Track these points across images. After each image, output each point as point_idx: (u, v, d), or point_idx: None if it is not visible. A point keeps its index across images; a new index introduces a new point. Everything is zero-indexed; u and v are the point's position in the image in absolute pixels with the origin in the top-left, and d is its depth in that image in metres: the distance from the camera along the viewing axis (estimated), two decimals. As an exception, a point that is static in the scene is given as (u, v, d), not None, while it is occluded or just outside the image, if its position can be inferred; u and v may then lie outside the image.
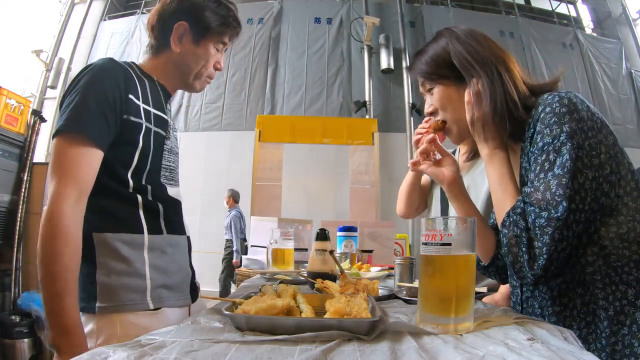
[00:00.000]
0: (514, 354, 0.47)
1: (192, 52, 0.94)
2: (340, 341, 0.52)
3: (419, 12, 5.06)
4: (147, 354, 0.45)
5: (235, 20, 0.99)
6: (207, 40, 0.95)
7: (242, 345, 0.49)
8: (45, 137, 4.93)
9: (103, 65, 0.83)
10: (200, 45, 0.94)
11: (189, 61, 0.95)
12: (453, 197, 0.86)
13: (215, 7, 0.95)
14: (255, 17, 5.11)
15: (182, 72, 0.97)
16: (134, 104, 0.85)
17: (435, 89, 0.82)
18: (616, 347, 0.65)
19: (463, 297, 0.60)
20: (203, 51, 0.95)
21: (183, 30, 0.93)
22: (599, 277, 0.66)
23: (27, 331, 2.40)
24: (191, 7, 0.93)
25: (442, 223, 0.61)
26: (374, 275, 1.29)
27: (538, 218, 0.64)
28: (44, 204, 0.77)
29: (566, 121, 0.65)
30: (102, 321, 0.77)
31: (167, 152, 0.94)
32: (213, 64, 0.98)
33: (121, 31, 5.43)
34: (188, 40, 0.94)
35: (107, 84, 0.80)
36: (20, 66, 5.22)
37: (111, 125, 0.80)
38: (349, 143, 3.68)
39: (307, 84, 4.75)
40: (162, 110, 0.93)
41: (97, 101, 0.78)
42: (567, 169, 0.63)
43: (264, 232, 1.72)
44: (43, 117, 2.96)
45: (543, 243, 0.63)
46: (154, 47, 0.97)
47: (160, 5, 0.96)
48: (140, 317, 0.80)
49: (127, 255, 0.81)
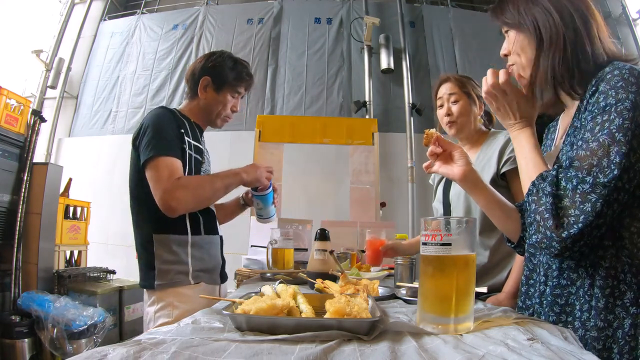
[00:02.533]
0: (514, 354, 0.47)
1: (214, 98, 1.28)
2: (340, 341, 0.52)
3: (419, 12, 5.05)
4: (147, 349, 0.45)
5: (248, 74, 1.32)
6: (225, 90, 1.28)
7: (242, 344, 0.49)
8: (45, 137, 4.93)
9: (160, 111, 1.20)
10: (220, 94, 1.28)
11: (211, 106, 1.29)
12: (468, 190, 0.86)
13: (232, 65, 1.29)
14: (255, 17, 5.11)
15: (208, 113, 1.30)
16: (184, 137, 1.19)
17: (511, 33, 0.80)
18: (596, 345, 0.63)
19: (463, 297, 0.60)
20: (222, 98, 1.28)
21: (207, 83, 1.27)
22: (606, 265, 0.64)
23: (27, 331, 2.40)
24: (213, 66, 1.27)
25: (442, 223, 0.61)
26: (374, 275, 1.29)
27: (581, 184, 0.60)
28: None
29: (633, 90, 0.61)
30: (160, 293, 1.14)
31: (203, 172, 1.28)
32: (230, 107, 1.31)
33: (121, 31, 5.43)
34: (211, 90, 1.28)
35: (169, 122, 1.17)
36: (20, 66, 5.22)
37: (180, 149, 1.16)
38: (349, 143, 3.68)
39: (307, 84, 4.75)
40: (198, 142, 1.27)
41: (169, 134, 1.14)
42: (628, 137, 0.59)
43: (264, 232, 1.72)
44: (43, 117, 2.96)
45: (581, 211, 0.59)
46: (189, 95, 1.31)
47: (194, 63, 1.32)
48: (186, 289, 1.16)
49: (175, 250, 1.16)
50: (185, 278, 1.17)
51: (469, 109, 1.40)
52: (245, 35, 5.05)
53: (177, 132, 1.18)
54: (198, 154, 1.26)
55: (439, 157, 0.88)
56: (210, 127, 1.38)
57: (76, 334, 2.38)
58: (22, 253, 2.68)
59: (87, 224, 3.35)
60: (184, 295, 1.16)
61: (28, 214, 2.74)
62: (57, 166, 3.14)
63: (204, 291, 1.20)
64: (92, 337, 2.46)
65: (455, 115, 1.39)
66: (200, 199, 1.14)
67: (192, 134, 1.24)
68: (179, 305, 1.14)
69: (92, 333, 2.46)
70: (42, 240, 2.76)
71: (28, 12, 5.34)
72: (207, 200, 1.18)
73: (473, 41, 4.76)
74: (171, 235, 1.17)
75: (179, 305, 1.14)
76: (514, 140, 0.79)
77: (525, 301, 0.83)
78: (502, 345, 0.50)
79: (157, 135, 1.12)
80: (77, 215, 3.29)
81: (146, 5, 5.62)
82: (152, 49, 5.18)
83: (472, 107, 1.41)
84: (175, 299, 1.15)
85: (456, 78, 1.44)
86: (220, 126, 1.36)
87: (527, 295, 0.83)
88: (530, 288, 0.82)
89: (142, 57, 5.18)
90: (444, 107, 1.42)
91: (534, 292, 0.80)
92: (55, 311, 2.39)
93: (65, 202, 3.14)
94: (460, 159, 0.85)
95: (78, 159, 4.86)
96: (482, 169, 1.31)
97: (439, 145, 0.87)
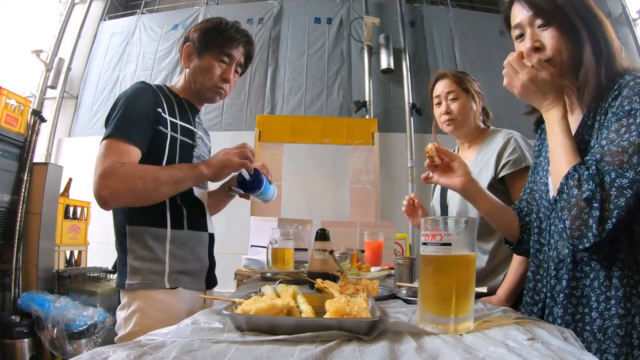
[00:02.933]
0: (514, 355, 0.47)
1: (197, 66, 1.12)
2: (340, 341, 0.52)
3: (419, 12, 5.05)
4: (147, 354, 0.45)
5: (236, 31, 1.14)
6: (207, 53, 1.11)
7: (242, 346, 0.49)
8: (45, 138, 4.93)
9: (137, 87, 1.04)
10: (203, 58, 1.11)
11: (195, 74, 1.12)
12: (469, 199, 0.88)
13: (213, 27, 1.13)
14: (255, 17, 5.11)
15: (194, 84, 1.13)
16: (162, 116, 1.03)
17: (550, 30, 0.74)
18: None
19: (463, 297, 0.60)
20: (205, 63, 1.11)
21: (189, 50, 1.13)
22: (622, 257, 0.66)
23: (27, 331, 2.40)
24: (196, 32, 1.13)
25: (442, 223, 0.61)
26: (374, 275, 1.29)
27: (620, 178, 0.61)
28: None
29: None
30: (131, 295, 0.98)
31: (196, 158, 1.13)
32: (221, 75, 1.12)
33: (121, 31, 5.43)
34: (194, 57, 1.12)
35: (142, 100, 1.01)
36: (20, 66, 5.21)
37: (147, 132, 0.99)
38: (349, 143, 3.68)
39: (307, 84, 4.75)
40: (189, 123, 1.12)
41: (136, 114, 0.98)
42: None
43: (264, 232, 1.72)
44: (43, 117, 2.96)
45: (616, 205, 0.60)
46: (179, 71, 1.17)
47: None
48: (160, 294, 0.99)
49: (151, 245, 1.00)
50: (160, 280, 0.99)
51: (468, 106, 1.36)
52: (245, 35, 5.05)
53: (150, 111, 1.00)
54: (186, 136, 1.10)
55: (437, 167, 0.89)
56: (207, 103, 1.22)
57: (76, 334, 2.38)
58: (22, 253, 2.68)
59: (87, 224, 3.35)
60: (156, 301, 0.98)
61: (28, 214, 2.74)
62: (57, 166, 3.14)
63: (183, 298, 1.03)
64: (92, 337, 2.46)
65: (454, 113, 1.35)
66: (137, 194, 0.92)
67: (179, 112, 1.09)
68: (149, 313, 0.96)
69: (92, 333, 2.46)
70: (42, 240, 2.76)
71: (28, 12, 5.34)
72: (144, 195, 0.94)
73: (473, 41, 4.76)
74: (147, 228, 1.01)
75: (149, 312, 0.96)
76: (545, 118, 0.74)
77: (533, 297, 0.84)
78: (502, 346, 0.50)
79: (122, 115, 0.96)
80: (77, 215, 3.29)
81: (146, 5, 5.62)
82: (152, 49, 5.18)
83: (471, 103, 1.37)
84: (147, 304, 0.97)
85: (453, 74, 1.39)
86: (213, 99, 1.17)
87: (534, 291, 0.84)
88: (538, 283, 0.83)
89: (142, 57, 5.18)
90: (442, 105, 1.37)
91: (541, 288, 0.81)
92: (55, 311, 2.39)
93: (65, 202, 3.14)
94: (460, 168, 0.86)
95: (78, 159, 4.85)
96: (479, 171, 1.29)
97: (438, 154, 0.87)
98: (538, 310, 0.82)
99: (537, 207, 0.86)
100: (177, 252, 1.04)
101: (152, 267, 1.00)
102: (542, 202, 0.85)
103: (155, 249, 1.01)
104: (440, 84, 1.40)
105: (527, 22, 0.76)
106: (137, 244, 1.00)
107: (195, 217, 1.11)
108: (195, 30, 1.13)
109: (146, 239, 1.00)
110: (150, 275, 0.99)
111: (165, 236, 1.03)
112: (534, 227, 0.87)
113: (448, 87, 1.37)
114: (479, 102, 1.39)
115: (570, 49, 0.74)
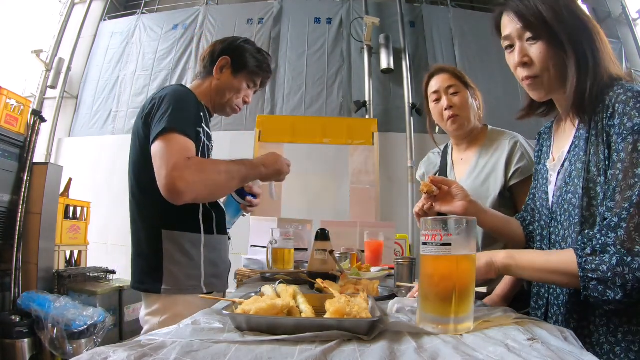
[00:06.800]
0: (514, 355, 0.47)
1: (229, 81, 1.17)
2: (340, 341, 0.52)
3: (419, 12, 5.05)
4: (147, 355, 0.45)
5: (268, 67, 1.23)
6: (242, 75, 1.17)
7: (242, 346, 0.49)
8: (45, 137, 4.92)
9: (181, 89, 1.06)
10: (237, 78, 1.17)
11: (224, 89, 1.17)
12: None
13: (254, 52, 1.19)
14: (255, 17, 5.10)
15: (219, 96, 1.18)
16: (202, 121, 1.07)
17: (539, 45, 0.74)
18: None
19: (463, 297, 0.60)
20: (238, 83, 1.17)
21: (225, 63, 1.16)
22: None
23: (27, 331, 2.40)
24: (236, 48, 1.18)
25: (442, 223, 0.61)
26: (374, 275, 1.29)
27: None
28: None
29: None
30: (168, 300, 0.98)
31: None
32: (243, 97, 1.20)
33: (121, 31, 5.42)
34: (227, 72, 1.17)
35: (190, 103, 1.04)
36: (20, 66, 5.21)
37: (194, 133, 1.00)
38: (349, 143, 3.68)
39: (307, 84, 4.75)
40: (209, 127, 1.15)
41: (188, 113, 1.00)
42: None
43: (264, 232, 1.72)
44: (43, 117, 2.96)
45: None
46: (202, 74, 1.19)
47: (213, 43, 1.21)
48: (197, 299, 0.98)
49: (188, 250, 1.02)
50: (198, 285, 1.02)
51: (469, 102, 1.26)
52: (245, 35, 4.99)
53: (196, 114, 1.03)
54: (209, 140, 1.14)
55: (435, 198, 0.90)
56: (220, 115, 1.25)
57: (76, 334, 2.38)
58: (22, 253, 2.68)
59: (87, 224, 3.35)
60: (194, 306, 0.95)
61: (28, 214, 2.74)
62: (57, 166, 3.14)
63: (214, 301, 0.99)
64: (92, 337, 2.46)
65: (457, 108, 1.24)
66: (213, 187, 0.95)
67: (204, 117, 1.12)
68: None
69: (92, 333, 2.46)
70: (42, 240, 2.76)
71: (28, 12, 5.34)
72: (219, 189, 0.98)
73: (473, 41, 4.76)
74: (183, 233, 1.02)
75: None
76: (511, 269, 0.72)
77: (537, 302, 0.84)
78: (502, 346, 0.50)
79: (176, 110, 0.96)
80: (77, 215, 3.29)
81: (146, 5, 5.62)
82: (152, 49, 5.18)
83: (472, 100, 1.28)
84: (185, 309, 0.94)
85: (453, 68, 1.30)
86: (228, 114, 1.23)
87: (538, 295, 0.84)
88: (541, 289, 0.83)
89: (142, 57, 5.18)
90: (442, 100, 1.26)
91: (544, 293, 0.81)
92: (55, 311, 2.39)
93: (65, 202, 3.14)
94: (459, 193, 0.89)
95: (78, 159, 4.86)
96: (487, 178, 1.23)
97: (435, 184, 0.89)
98: (542, 315, 0.82)
99: (539, 215, 0.87)
100: (210, 257, 1.06)
101: (190, 273, 1.01)
102: (543, 211, 0.85)
103: (192, 254, 1.02)
104: (437, 79, 1.29)
105: (517, 35, 0.76)
106: (174, 249, 1.00)
107: (221, 220, 1.14)
108: (234, 48, 1.17)
109: (184, 244, 1.01)
110: (189, 280, 1.01)
111: (200, 241, 1.04)
112: (537, 235, 0.88)
113: (448, 81, 1.27)
114: (480, 100, 1.31)
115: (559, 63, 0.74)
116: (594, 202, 0.70)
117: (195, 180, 0.89)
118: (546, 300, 0.81)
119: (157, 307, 0.99)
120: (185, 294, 0.99)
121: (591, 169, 0.70)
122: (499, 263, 0.71)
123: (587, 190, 0.70)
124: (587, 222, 0.70)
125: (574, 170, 0.75)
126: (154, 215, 1.02)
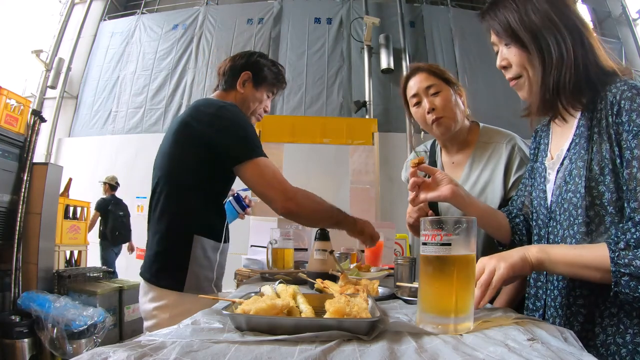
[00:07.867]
0: (514, 355, 0.47)
1: (252, 94, 1.28)
2: (340, 341, 0.52)
3: (419, 12, 5.05)
4: (147, 355, 0.45)
5: (283, 78, 1.37)
6: (263, 87, 1.29)
7: (241, 346, 0.49)
8: (45, 137, 4.93)
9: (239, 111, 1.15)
10: (259, 90, 1.29)
11: (248, 101, 1.28)
12: (461, 206, 0.89)
13: (270, 66, 1.32)
14: (255, 17, 5.11)
15: (245, 107, 1.27)
16: None
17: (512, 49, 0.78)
18: None
19: (463, 297, 0.60)
20: (260, 95, 1.29)
21: (247, 78, 1.27)
22: None
23: (27, 331, 2.40)
24: (254, 63, 1.29)
25: (442, 223, 0.61)
26: (374, 275, 1.29)
27: None
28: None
29: None
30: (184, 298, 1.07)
31: None
32: (263, 107, 1.33)
33: (121, 31, 5.43)
34: (249, 85, 1.28)
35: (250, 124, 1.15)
36: (20, 66, 5.22)
37: None
38: (349, 143, 3.68)
39: (307, 84, 4.75)
40: None
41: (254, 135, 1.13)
42: None
43: (264, 232, 1.72)
44: (43, 117, 2.96)
45: None
46: (224, 88, 1.29)
47: (231, 58, 1.31)
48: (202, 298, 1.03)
49: (210, 255, 1.13)
50: (209, 286, 1.14)
51: (453, 100, 1.14)
52: (245, 35, 5.05)
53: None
54: None
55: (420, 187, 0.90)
56: None
57: (76, 334, 2.38)
58: (22, 253, 2.68)
59: (87, 224, 3.35)
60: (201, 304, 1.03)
61: (28, 214, 2.74)
62: (57, 166, 3.14)
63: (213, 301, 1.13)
64: (92, 337, 2.46)
65: (440, 109, 1.13)
66: (313, 213, 1.12)
67: None
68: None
69: (92, 333, 2.46)
70: (42, 240, 2.76)
71: (28, 12, 5.34)
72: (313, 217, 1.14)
73: (473, 41, 4.76)
74: (209, 240, 1.13)
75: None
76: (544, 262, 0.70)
77: (535, 303, 0.84)
78: (502, 346, 0.50)
79: (250, 136, 1.10)
80: (77, 215, 3.29)
81: (146, 5, 5.63)
82: (152, 49, 5.18)
83: (455, 97, 1.16)
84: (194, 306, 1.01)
85: (429, 66, 1.19)
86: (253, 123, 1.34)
87: (536, 297, 0.84)
88: (539, 290, 0.83)
89: (142, 57, 5.18)
90: (423, 102, 1.15)
91: (542, 294, 0.81)
92: (55, 311, 2.39)
93: (65, 202, 3.15)
94: (443, 179, 0.89)
95: (78, 159, 4.86)
96: (483, 189, 1.15)
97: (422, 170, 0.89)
98: (539, 317, 0.82)
99: (537, 215, 0.86)
100: (221, 261, 1.18)
101: (208, 275, 1.13)
102: (540, 210, 0.84)
103: (212, 259, 1.14)
104: (414, 81, 1.17)
105: (497, 41, 0.83)
106: (200, 253, 1.10)
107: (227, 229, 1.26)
108: (253, 62, 1.28)
109: (207, 250, 1.12)
110: (205, 282, 1.12)
111: (218, 248, 1.16)
112: (534, 234, 0.87)
113: (426, 80, 1.15)
114: (463, 97, 1.19)
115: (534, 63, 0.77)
116: (597, 201, 0.69)
117: (306, 204, 1.10)
118: (543, 302, 0.81)
119: (167, 300, 1.07)
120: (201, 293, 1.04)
121: (593, 168, 0.70)
122: (533, 257, 0.69)
123: (589, 189, 0.69)
124: (592, 222, 0.69)
125: (574, 169, 0.74)
126: (191, 222, 1.11)
